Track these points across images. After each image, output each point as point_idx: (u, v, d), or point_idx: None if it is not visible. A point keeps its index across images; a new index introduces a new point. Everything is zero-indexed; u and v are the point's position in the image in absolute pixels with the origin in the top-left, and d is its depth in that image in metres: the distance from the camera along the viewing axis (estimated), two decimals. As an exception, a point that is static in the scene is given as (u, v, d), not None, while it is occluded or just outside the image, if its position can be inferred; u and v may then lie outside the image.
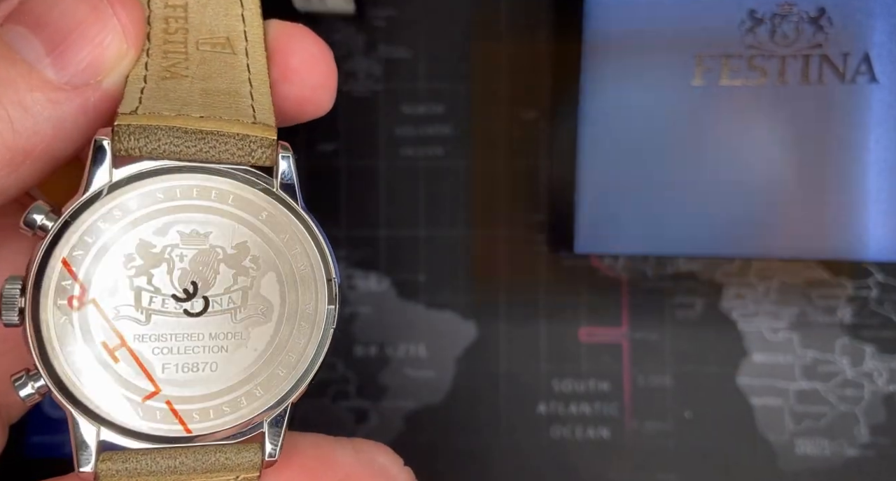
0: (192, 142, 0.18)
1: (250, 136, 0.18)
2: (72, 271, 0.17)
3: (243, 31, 0.20)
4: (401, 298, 0.37)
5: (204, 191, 0.18)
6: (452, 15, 0.38)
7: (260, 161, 0.19)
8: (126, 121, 0.17)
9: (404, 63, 0.37)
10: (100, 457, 0.17)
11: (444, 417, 0.37)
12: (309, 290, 0.19)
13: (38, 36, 0.17)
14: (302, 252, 0.19)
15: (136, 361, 0.17)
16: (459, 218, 0.37)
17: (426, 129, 0.37)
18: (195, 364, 0.18)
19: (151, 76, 0.19)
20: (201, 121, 0.18)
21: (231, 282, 0.18)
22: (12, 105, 0.17)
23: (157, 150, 0.18)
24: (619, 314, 0.37)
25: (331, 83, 0.21)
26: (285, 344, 0.19)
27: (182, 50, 0.19)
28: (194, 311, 0.18)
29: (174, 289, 0.18)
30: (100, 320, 0.17)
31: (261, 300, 0.18)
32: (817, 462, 0.36)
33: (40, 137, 0.17)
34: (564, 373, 0.37)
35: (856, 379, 0.36)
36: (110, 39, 0.18)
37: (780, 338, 0.36)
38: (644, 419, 0.36)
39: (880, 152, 0.31)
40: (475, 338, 0.37)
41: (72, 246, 0.17)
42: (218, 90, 0.19)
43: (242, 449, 0.18)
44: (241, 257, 0.18)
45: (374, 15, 0.37)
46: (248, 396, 0.18)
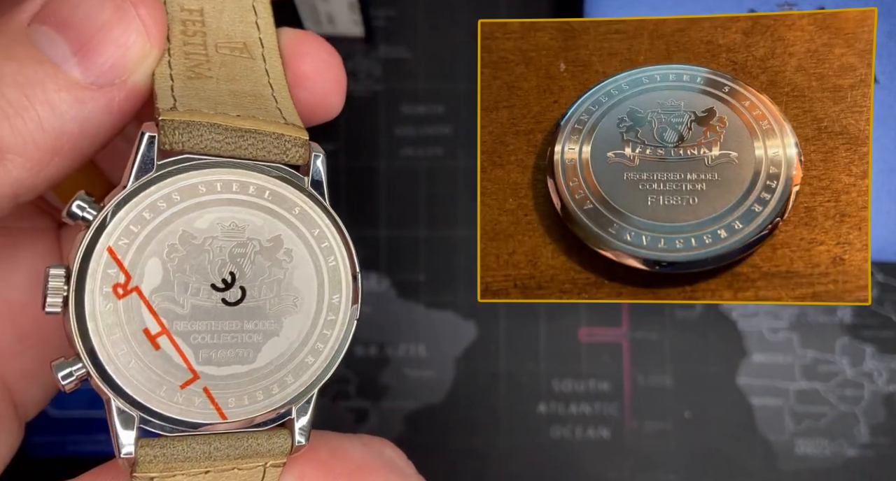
0: (233, 139, 0.18)
1: (285, 136, 0.19)
2: (117, 259, 0.18)
3: (259, 37, 0.21)
4: (401, 298, 0.37)
5: (243, 186, 0.19)
6: (452, 15, 0.38)
7: (294, 159, 0.19)
8: (170, 116, 0.18)
9: (404, 63, 0.37)
10: (138, 443, 0.18)
11: (444, 417, 0.37)
12: (336, 283, 0.20)
13: (63, 36, 0.18)
14: (330, 247, 0.20)
15: (175, 348, 0.18)
16: (459, 218, 0.37)
17: (426, 129, 0.37)
18: (232, 351, 0.19)
19: (177, 75, 0.19)
20: (239, 120, 0.19)
21: (266, 273, 0.19)
22: (41, 105, 0.17)
23: (199, 145, 0.18)
24: (619, 314, 0.37)
25: (340, 88, 0.22)
26: (314, 333, 0.19)
27: (202, 52, 0.20)
28: (232, 301, 0.19)
29: (213, 279, 0.18)
30: (143, 308, 0.18)
31: (294, 291, 0.19)
32: (817, 462, 0.36)
33: (67, 137, 0.18)
34: (564, 373, 0.37)
35: (856, 379, 0.36)
36: (134, 39, 0.18)
37: (780, 338, 0.36)
38: (644, 419, 0.36)
39: (880, 152, 0.31)
40: (475, 338, 0.37)
41: (118, 235, 0.18)
42: (244, 92, 0.20)
43: (273, 436, 0.19)
44: (276, 250, 0.19)
45: (375, 15, 0.37)
46: (279, 383, 0.19)
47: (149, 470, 0.18)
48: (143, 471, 0.18)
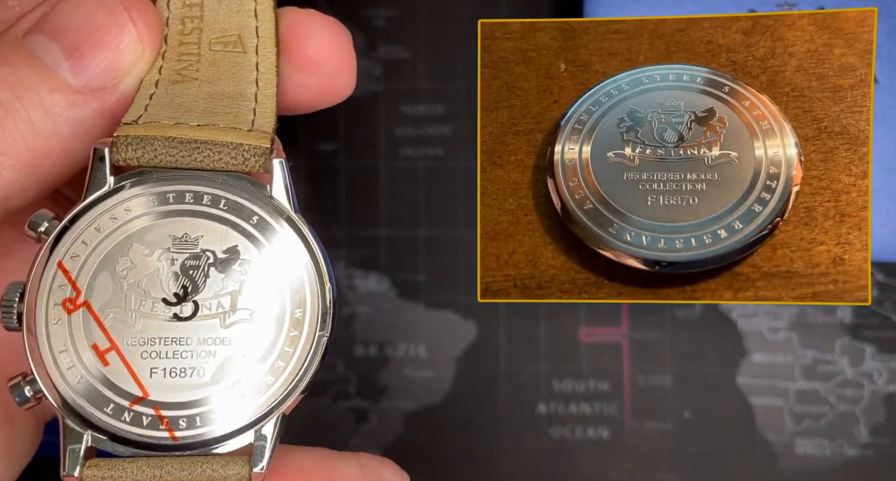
0: (188, 152, 0.18)
1: (244, 145, 0.18)
2: (68, 274, 0.18)
3: (255, 27, 0.21)
4: (401, 298, 0.37)
5: (197, 197, 0.18)
6: (452, 15, 0.38)
7: (253, 169, 0.19)
8: (125, 132, 0.18)
9: (404, 63, 0.37)
10: (86, 464, 0.17)
11: (444, 417, 0.37)
12: (298, 296, 0.19)
13: (57, 42, 0.18)
14: (294, 257, 0.19)
15: (125, 365, 0.18)
16: (459, 218, 0.37)
17: (426, 129, 0.37)
18: (183, 368, 0.18)
19: (163, 80, 0.19)
20: (197, 131, 0.18)
21: (220, 286, 0.18)
22: (33, 107, 0.17)
23: (153, 160, 0.18)
24: (619, 314, 0.37)
25: (349, 68, 0.21)
26: (274, 351, 0.18)
27: (195, 51, 0.20)
28: (184, 315, 0.18)
29: (164, 293, 0.18)
30: (91, 323, 0.18)
31: (250, 304, 0.18)
32: (817, 462, 0.36)
33: (59, 139, 0.18)
34: (564, 373, 0.37)
35: (856, 379, 0.36)
36: (126, 43, 0.18)
37: (780, 338, 0.36)
38: (644, 419, 0.36)
39: (880, 152, 0.31)
40: (475, 338, 0.37)
41: (68, 250, 0.18)
42: (223, 94, 0.19)
43: (230, 462, 0.18)
44: (232, 261, 0.18)
45: (374, 15, 0.38)
46: (234, 405, 0.18)
47: None
48: None
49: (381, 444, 0.36)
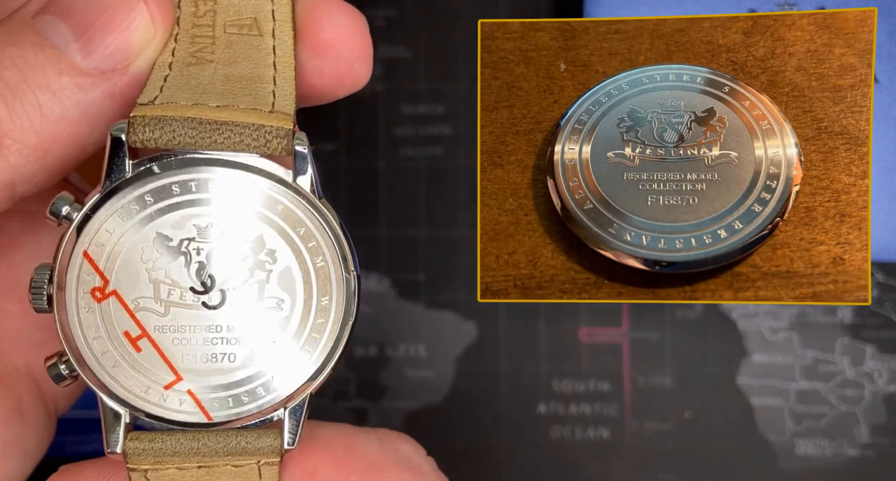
0: (207, 133, 0.18)
1: (266, 126, 0.18)
2: (94, 263, 0.18)
3: (271, 10, 0.20)
4: (401, 298, 0.37)
5: (220, 185, 0.18)
6: (452, 15, 0.38)
7: (276, 151, 0.18)
8: (142, 112, 0.18)
9: (404, 63, 0.37)
10: (128, 436, 0.18)
11: (444, 417, 0.37)
12: (326, 284, 0.19)
13: (66, 23, 0.17)
14: (318, 246, 0.19)
15: (157, 351, 0.18)
16: (459, 218, 0.37)
17: (426, 129, 0.37)
18: (214, 354, 0.18)
19: (177, 62, 0.19)
20: (217, 111, 0.18)
21: (248, 275, 0.18)
22: (40, 89, 0.17)
23: (172, 141, 0.18)
24: (619, 314, 0.37)
25: (366, 54, 0.21)
26: (301, 336, 0.19)
27: (209, 33, 0.19)
28: (212, 304, 0.18)
29: (192, 282, 0.18)
30: (121, 311, 0.18)
31: (277, 293, 0.19)
32: (818, 462, 0.36)
33: (67, 122, 0.17)
34: (564, 373, 0.37)
35: (856, 379, 0.36)
36: (137, 24, 0.18)
37: (780, 338, 0.36)
38: (644, 419, 0.36)
39: (880, 152, 0.31)
40: (475, 338, 0.37)
41: (92, 239, 0.18)
42: (240, 76, 0.19)
43: (262, 435, 0.19)
44: (258, 251, 0.18)
45: (374, 15, 0.38)
46: (265, 386, 0.19)
47: (139, 462, 0.18)
48: (134, 463, 0.18)
49: (381, 444, 0.36)
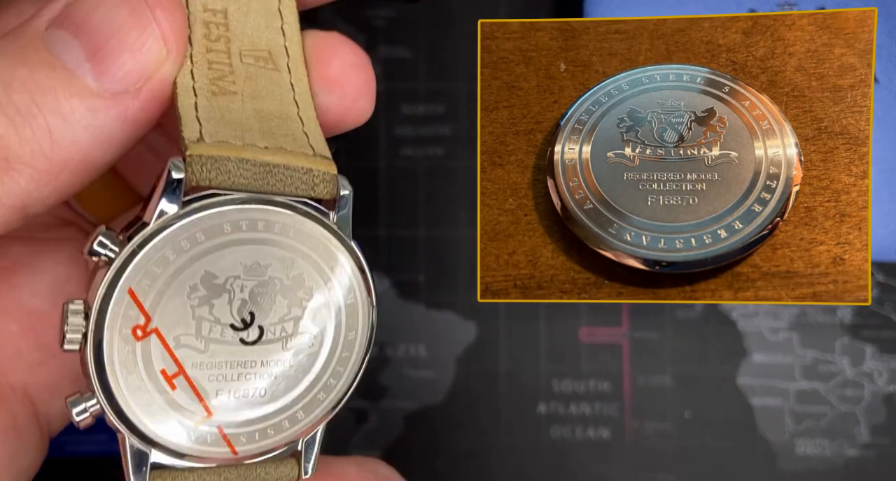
0: (261, 176, 0.18)
1: (314, 170, 0.18)
2: (138, 301, 0.17)
3: (284, 45, 0.20)
4: (401, 298, 0.37)
5: (268, 225, 0.18)
6: (452, 15, 0.38)
7: (321, 194, 0.19)
8: (197, 151, 0.17)
9: (404, 63, 0.37)
10: (150, 476, 0.18)
11: (444, 417, 0.37)
12: (352, 319, 0.19)
13: (78, 40, 0.17)
14: (349, 283, 0.19)
15: (192, 388, 0.18)
16: (459, 218, 0.37)
17: (426, 129, 0.37)
18: (246, 390, 0.18)
19: (201, 89, 0.18)
20: (268, 153, 0.18)
21: (285, 311, 0.18)
22: (51, 113, 0.17)
23: (226, 182, 0.17)
24: (619, 314, 0.37)
25: (370, 90, 0.21)
26: (328, 370, 0.19)
27: (226, 60, 0.19)
28: (249, 340, 0.18)
29: (233, 319, 0.18)
30: (161, 349, 0.17)
31: (310, 329, 0.19)
32: (817, 462, 0.36)
33: (78, 147, 0.17)
34: (564, 373, 0.37)
35: (856, 379, 0.36)
36: (150, 45, 0.17)
37: (780, 338, 0.36)
38: (644, 419, 0.36)
39: (880, 152, 0.31)
40: (475, 338, 0.37)
41: (140, 276, 0.17)
42: (270, 113, 0.19)
43: (280, 465, 0.19)
44: (297, 288, 0.19)
45: (374, 15, 0.38)
46: (290, 419, 0.19)
47: None
48: None
49: (381, 444, 0.36)
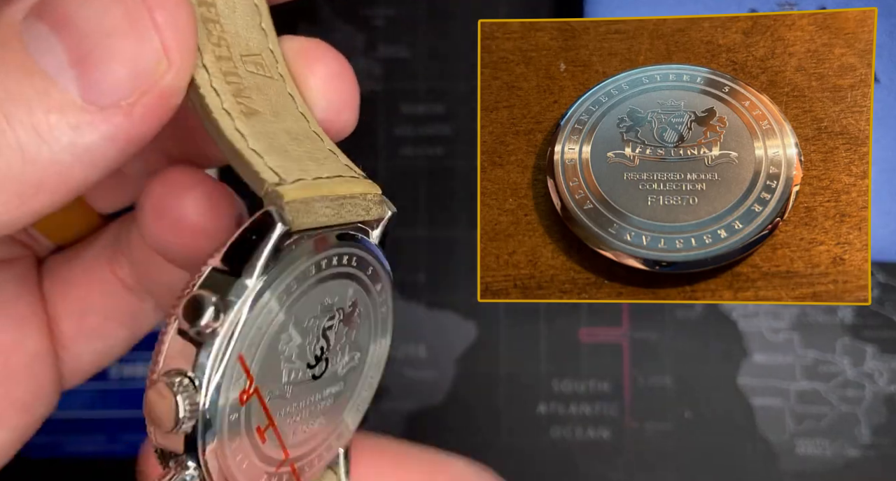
0: (336, 209, 0.17)
1: (367, 194, 0.17)
2: (246, 367, 0.16)
3: (269, 48, 0.18)
4: (401, 298, 0.37)
5: (340, 258, 0.17)
6: (452, 15, 0.38)
7: (373, 216, 0.18)
8: (290, 196, 0.15)
9: (404, 63, 0.37)
10: None
11: (444, 418, 0.37)
12: (385, 330, 0.19)
13: (61, 39, 0.14)
14: (385, 299, 0.19)
15: (277, 437, 0.17)
16: (459, 218, 0.37)
17: (426, 129, 0.37)
18: (312, 422, 0.18)
19: (231, 109, 0.16)
20: (335, 185, 0.17)
21: (343, 338, 0.18)
22: (24, 129, 0.14)
23: (313, 223, 0.16)
24: (619, 314, 0.37)
25: (354, 102, 0.19)
26: (365, 382, 0.20)
27: (234, 70, 0.17)
28: (318, 374, 0.18)
29: (308, 358, 0.17)
30: (257, 406, 0.16)
31: (357, 348, 0.19)
32: (818, 462, 0.36)
33: (56, 168, 0.14)
34: (564, 373, 0.37)
35: (857, 379, 0.36)
36: (146, 54, 0.15)
37: (781, 338, 0.36)
38: (644, 419, 0.36)
39: (880, 152, 0.31)
40: (475, 338, 0.37)
41: (249, 341, 0.15)
42: (297, 133, 0.17)
43: (324, 477, 0.20)
44: (352, 314, 0.18)
45: (374, 15, 0.38)
46: (337, 438, 0.20)
47: None
48: None
49: (381, 444, 0.36)
